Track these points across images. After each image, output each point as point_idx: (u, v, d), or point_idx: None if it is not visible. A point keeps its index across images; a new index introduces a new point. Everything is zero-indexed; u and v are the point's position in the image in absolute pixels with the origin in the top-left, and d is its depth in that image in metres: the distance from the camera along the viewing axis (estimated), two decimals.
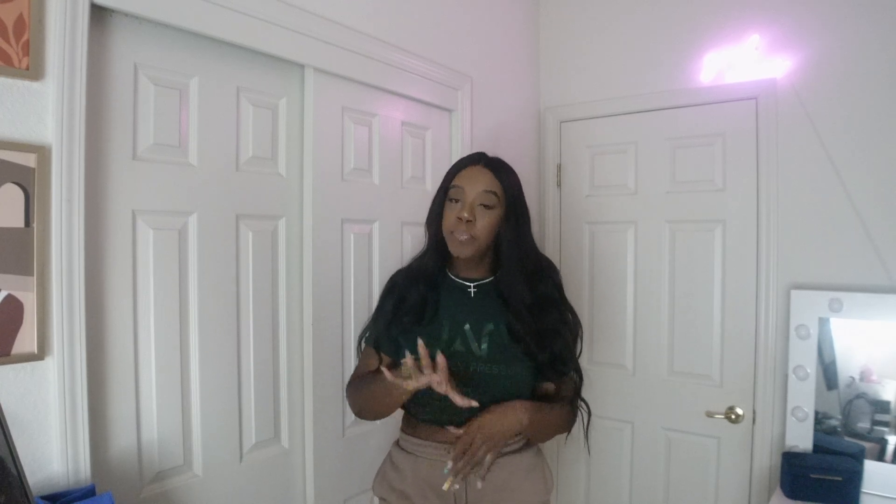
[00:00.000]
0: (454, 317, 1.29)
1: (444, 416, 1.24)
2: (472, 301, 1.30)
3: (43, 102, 1.04)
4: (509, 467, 1.27)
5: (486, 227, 1.25)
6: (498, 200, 1.26)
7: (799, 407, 1.82)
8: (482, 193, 1.25)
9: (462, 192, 1.26)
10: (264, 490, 1.49)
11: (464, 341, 1.26)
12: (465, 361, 1.24)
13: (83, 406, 1.08)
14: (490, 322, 1.27)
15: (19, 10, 1.00)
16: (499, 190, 1.26)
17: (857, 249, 1.82)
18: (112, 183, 1.19)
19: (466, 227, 1.23)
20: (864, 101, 1.81)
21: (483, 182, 1.25)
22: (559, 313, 1.31)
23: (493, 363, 1.24)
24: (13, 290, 1.00)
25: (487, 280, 1.33)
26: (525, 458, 1.30)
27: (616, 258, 2.31)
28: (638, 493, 2.26)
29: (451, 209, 1.27)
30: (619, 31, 2.29)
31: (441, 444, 1.26)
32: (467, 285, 1.32)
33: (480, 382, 1.22)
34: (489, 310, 1.29)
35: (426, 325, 1.28)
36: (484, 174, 1.27)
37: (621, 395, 2.29)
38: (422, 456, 1.29)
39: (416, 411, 1.31)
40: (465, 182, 1.27)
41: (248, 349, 1.45)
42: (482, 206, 1.25)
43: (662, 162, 2.20)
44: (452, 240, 1.26)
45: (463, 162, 1.32)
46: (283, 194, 1.54)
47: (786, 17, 1.93)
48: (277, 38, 1.43)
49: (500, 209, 1.26)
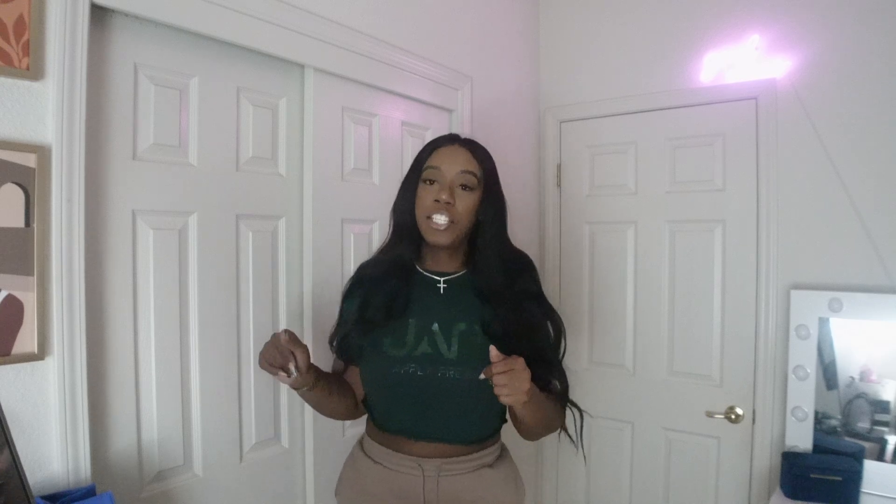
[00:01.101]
0: (421, 316, 1.17)
1: (416, 427, 1.16)
2: (441, 298, 1.18)
3: (43, 102, 1.04)
4: (481, 483, 1.18)
5: (466, 210, 1.14)
6: (477, 182, 1.15)
7: (799, 407, 1.82)
8: (461, 174, 1.14)
9: (439, 173, 1.15)
10: (264, 490, 1.49)
11: (431, 343, 1.15)
12: (433, 365, 1.13)
13: (83, 406, 1.08)
14: (462, 321, 1.16)
15: (19, 10, 1.00)
16: (478, 171, 1.15)
17: (857, 249, 1.82)
18: (112, 183, 1.19)
19: (446, 209, 1.12)
20: (864, 101, 1.81)
21: (461, 161, 1.15)
22: (542, 309, 1.21)
23: (465, 366, 1.11)
24: (13, 290, 1.00)
25: (460, 274, 1.21)
26: (497, 471, 1.21)
27: (616, 258, 2.31)
28: (638, 493, 2.26)
29: (428, 191, 1.15)
30: (618, 31, 2.29)
31: (414, 458, 1.16)
32: (436, 280, 1.20)
33: (449, 388, 1.12)
34: (461, 307, 1.17)
35: (392, 323, 1.16)
36: (462, 153, 1.16)
37: (621, 395, 2.29)
38: (391, 468, 1.18)
39: (384, 421, 1.20)
40: (442, 162, 1.15)
41: (248, 349, 1.45)
42: (462, 186, 1.14)
43: (662, 162, 2.20)
44: (428, 226, 1.14)
45: (437, 141, 1.21)
46: (283, 194, 1.54)
47: (786, 17, 1.94)
48: (277, 38, 1.43)
49: (479, 192, 1.16)
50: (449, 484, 1.16)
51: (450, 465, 1.16)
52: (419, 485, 1.16)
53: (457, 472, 1.17)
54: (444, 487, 1.16)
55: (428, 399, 1.14)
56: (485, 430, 1.21)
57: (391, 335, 1.16)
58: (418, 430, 1.16)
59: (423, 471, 1.16)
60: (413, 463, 1.16)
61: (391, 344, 1.16)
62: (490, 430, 1.23)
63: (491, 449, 1.23)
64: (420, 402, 1.15)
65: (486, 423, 1.22)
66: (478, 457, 1.19)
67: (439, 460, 1.16)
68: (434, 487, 1.16)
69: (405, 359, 1.14)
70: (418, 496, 1.16)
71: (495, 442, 1.25)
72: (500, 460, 1.25)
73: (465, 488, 1.17)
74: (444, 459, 1.16)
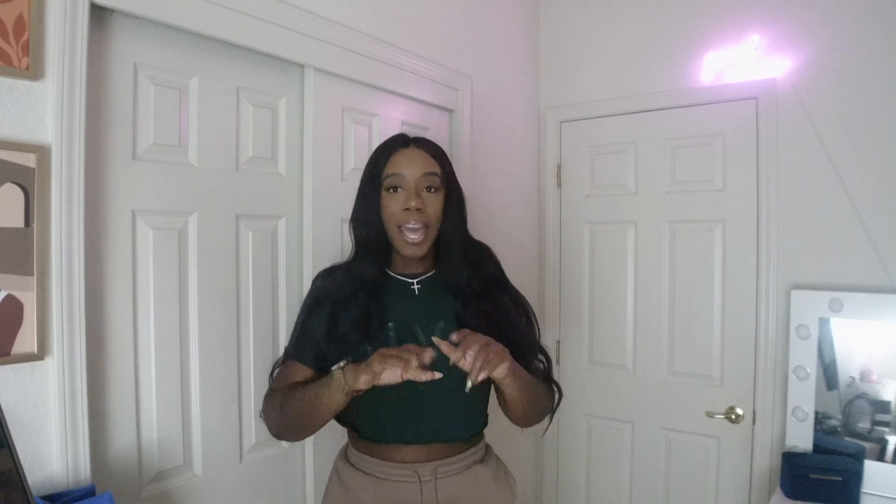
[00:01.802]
0: (401, 319, 1.15)
1: (409, 432, 1.14)
2: (417, 299, 1.18)
3: (43, 102, 1.04)
4: (476, 480, 1.18)
5: (436, 212, 1.14)
6: (440, 182, 1.15)
7: (799, 407, 1.82)
8: (424, 177, 1.13)
9: (402, 179, 1.13)
10: (264, 490, 1.49)
11: (415, 344, 1.12)
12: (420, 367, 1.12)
13: (83, 406, 1.08)
14: (441, 319, 1.16)
15: (19, 10, 1.00)
16: (438, 170, 1.15)
17: (857, 249, 1.82)
18: (112, 183, 1.19)
19: (418, 216, 1.11)
20: (864, 100, 1.81)
21: (421, 164, 1.14)
22: (509, 296, 1.22)
23: (448, 363, 1.08)
24: (13, 290, 1.00)
25: (430, 273, 1.21)
26: (488, 467, 1.22)
27: (616, 258, 2.31)
28: (638, 493, 2.26)
29: (394, 200, 1.13)
30: (618, 31, 2.29)
31: (408, 465, 1.14)
32: (409, 282, 1.19)
33: (439, 387, 1.08)
34: (437, 306, 1.17)
35: (373, 337, 1.13)
36: (420, 155, 1.15)
37: (621, 395, 2.29)
38: (384, 478, 1.15)
39: (375, 432, 1.17)
40: (403, 167, 1.13)
41: (247, 349, 1.45)
42: (427, 189, 1.13)
43: (662, 162, 2.20)
44: (402, 239, 1.13)
45: (390, 146, 1.17)
46: (283, 194, 1.54)
47: (786, 17, 1.94)
48: (277, 38, 1.43)
49: (444, 192, 1.16)
50: (446, 486, 1.15)
51: (444, 466, 1.16)
52: (416, 492, 1.14)
53: (452, 472, 1.17)
54: (441, 491, 1.15)
55: (418, 402, 1.14)
56: (475, 426, 1.23)
57: (373, 344, 1.13)
58: (411, 435, 1.15)
59: (420, 476, 1.15)
60: (408, 471, 1.15)
61: (375, 349, 1.14)
62: (479, 425, 1.24)
63: (479, 446, 1.24)
64: (411, 406, 1.15)
65: (476, 418, 1.23)
66: (469, 454, 1.20)
67: (434, 463, 1.16)
68: (432, 492, 1.15)
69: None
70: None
71: (482, 439, 1.27)
72: (489, 457, 1.26)
73: (461, 489, 1.16)
74: (438, 461, 1.16)
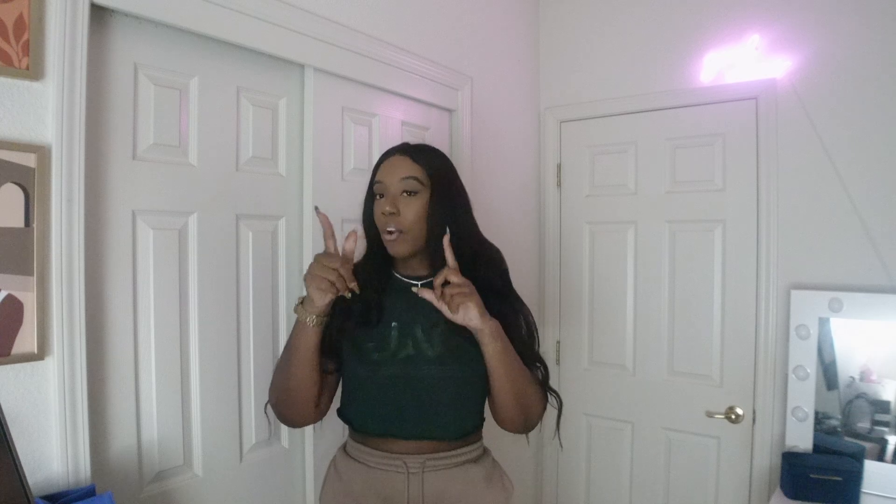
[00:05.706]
0: (402, 319, 1.20)
1: (401, 427, 1.17)
2: (419, 300, 1.18)
3: (43, 102, 1.04)
4: (466, 478, 1.19)
5: (412, 215, 1.16)
6: (421, 185, 1.17)
7: (799, 407, 1.82)
8: (401, 181, 1.17)
9: (383, 186, 1.19)
10: (264, 490, 1.49)
11: (415, 344, 1.18)
12: (416, 365, 1.16)
13: (83, 406, 1.08)
14: (441, 321, 1.17)
15: (19, 10, 1.00)
16: (419, 173, 1.17)
17: (857, 249, 1.82)
18: (112, 183, 1.19)
19: (390, 220, 1.16)
20: (864, 100, 1.81)
21: (402, 170, 1.18)
22: (509, 304, 1.22)
23: (446, 364, 1.16)
24: (13, 290, 1.00)
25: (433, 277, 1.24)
26: (481, 467, 1.22)
27: (616, 258, 2.31)
28: (638, 493, 2.26)
29: (378, 205, 1.20)
30: (619, 31, 2.29)
31: (396, 455, 1.17)
32: (412, 284, 1.23)
33: (431, 384, 1.16)
34: (437, 309, 1.16)
35: (372, 329, 1.19)
36: (402, 161, 1.19)
37: (621, 395, 2.29)
38: (374, 466, 1.19)
39: (368, 424, 1.21)
40: (385, 175, 1.19)
41: (248, 349, 1.45)
42: (404, 193, 1.17)
43: (662, 162, 2.20)
44: (386, 240, 1.19)
45: (383, 154, 1.24)
46: (283, 194, 1.54)
47: (786, 17, 1.94)
48: (277, 38, 1.43)
49: (427, 193, 1.18)
50: (433, 480, 1.17)
51: (433, 460, 1.18)
52: (402, 482, 1.16)
53: (441, 467, 1.18)
54: (428, 484, 1.17)
55: (412, 399, 1.16)
56: (467, 426, 1.23)
57: (374, 340, 1.18)
58: (403, 430, 1.18)
59: (408, 467, 1.17)
60: (397, 461, 1.17)
61: (375, 349, 1.18)
62: (472, 426, 1.24)
63: (474, 446, 1.25)
64: (405, 403, 1.17)
65: (469, 418, 1.23)
66: (462, 453, 1.21)
67: (423, 456, 1.17)
68: (418, 484, 1.16)
69: (390, 362, 1.17)
70: (402, 495, 1.16)
71: (478, 440, 1.27)
72: (484, 458, 1.26)
73: (449, 485, 1.18)
74: (427, 455, 1.18)
